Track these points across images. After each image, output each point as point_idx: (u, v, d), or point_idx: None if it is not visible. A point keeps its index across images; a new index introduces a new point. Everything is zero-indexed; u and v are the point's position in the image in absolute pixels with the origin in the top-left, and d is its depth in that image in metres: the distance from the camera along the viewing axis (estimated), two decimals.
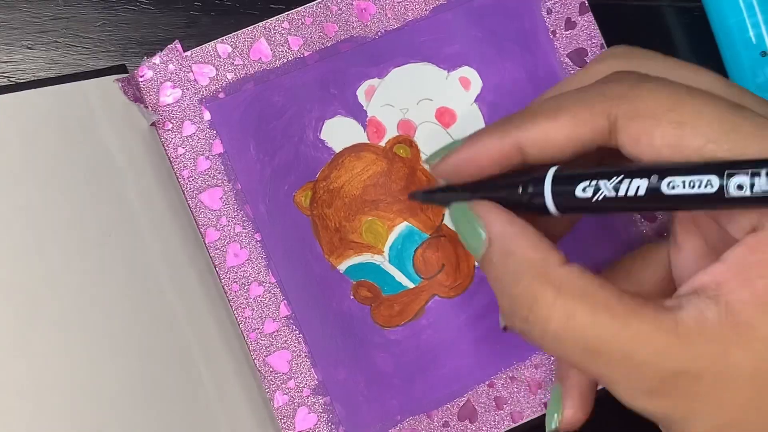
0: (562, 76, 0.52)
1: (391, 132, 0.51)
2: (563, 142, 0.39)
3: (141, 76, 0.49)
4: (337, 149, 0.51)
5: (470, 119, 0.51)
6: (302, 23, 0.50)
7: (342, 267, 0.50)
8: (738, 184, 0.33)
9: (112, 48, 0.53)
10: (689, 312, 0.36)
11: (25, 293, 0.47)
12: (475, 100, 0.51)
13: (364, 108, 0.51)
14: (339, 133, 0.51)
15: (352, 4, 0.51)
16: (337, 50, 0.51)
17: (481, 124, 0.51)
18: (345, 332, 0.50)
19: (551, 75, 0.52)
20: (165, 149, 0.49)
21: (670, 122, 0.37)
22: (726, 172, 0.33)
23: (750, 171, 0.33)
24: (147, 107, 0.49)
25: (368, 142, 0.51)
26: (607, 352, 0.37)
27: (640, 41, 0.56)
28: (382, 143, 0.51)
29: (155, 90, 0.49)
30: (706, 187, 0.34)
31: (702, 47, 0.57)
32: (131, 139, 0.50)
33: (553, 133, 0.39)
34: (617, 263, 0.46)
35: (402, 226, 0.51)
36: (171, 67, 0.50)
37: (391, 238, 0.51)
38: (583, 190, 0.38)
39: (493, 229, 0.40)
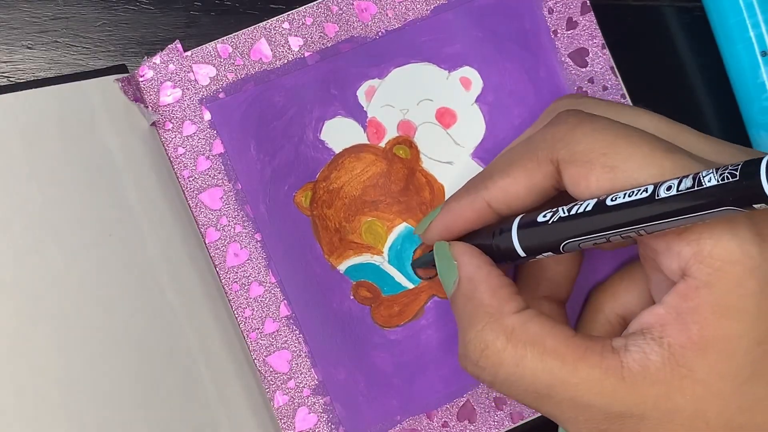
0: (563, 76, 0.52)
1: (391, 133, 0.51)
2: (522, 192, 0.43)
3: (141, 76, 0.49)
4: (337, 150, 0.51)
5: (471, 120, 0.51)
6: (303, 23, 0.50)
7: (342, 267, 0.50)
8: (667, 186, 0.35)
9: (112, 48, 0.53)
10: (634, 354, 0.38)
11: (25, 293, 0.47)
12: (476, 101, 0.51)
13: (365, 108, 0.51)
14: (339, 133, 0.51)
15: (352, 4, 0.51)
16: (338, 50, 0.51)
17: (482, 125, 0.51)
18: (345, 332, 0.50)
19: (552, 75, 0.52)
20: (165, 149, 0.49)
21: (603, 166, 0.39)
22: (658, 183, 0.36)
23: (679, 177, 0.35)
24: (147, 107, 0.49)
25: (368, 142, 0.51)
26: (556, 395, 0.39)
27: (640, 41, 0.57)
28: (382, 144, 0.51)
29: (155, 90, 0.49)
30: (641, 193, 0.36)
31: (702, 47, 0.57)
32: (131, 139, 0.50)
33: (511, 188, 0.43)
34: (604, 285, 0.49)
35: (401, 227, 0.51)
36: (171, 67, 0.50)
37: (391, 238, 0.51)
38: (543, 216, 0.41)
39: (462, 270, 0.44)
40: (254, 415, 0.49)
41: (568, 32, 0.52)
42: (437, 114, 0.51)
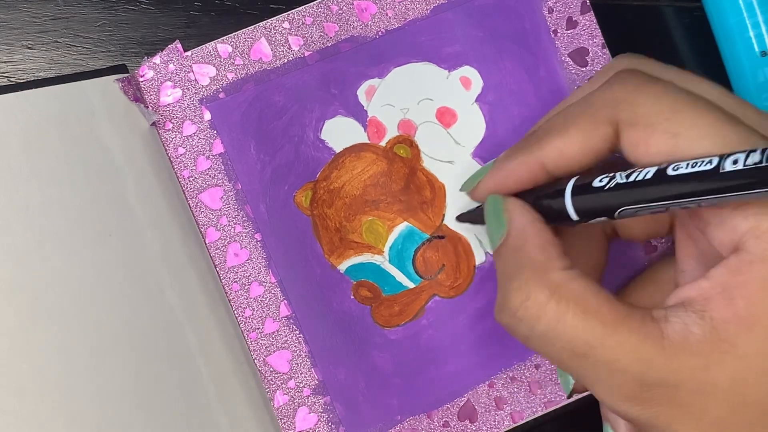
0: (563, 76, 0.52)
1: (392, 132, 0.51)
2: (578, 154, 0.41)
3: (141, 76, 0.49)
4: (338, 149, 0.51)
5: (471, 119, 0.51)
6: (303, 23, 0.50)
7: (342, 267, 0.50)
8: (733, 159, 0.35)
9: (112, 48, 0.53)
10: (675, 325, 0.37)
11: (25, 293, 0.47)
12: (476, 100, 0.51)
13: (365, 108, 0.51)
14: (339, 133, 0.51)
15: (352, 4, 0.51)
16: (338, 50, 0.51)
17: (482, 124, 0.51)
18: (345, 332, 0.50)
19: (552, 74, 0.52)
20: (165, 149, 0.49)
21: (665, 132, 0.38)
22: (724, 155, 0.35)
23: (747, 151, 0.34)
24: (147, 107, 0.49)
25: (368, 142, 0.51)
26: (593, 356, 0.38)
27: (640, 41, 0.57)
28: (383, 143, 0.51)
29: (155, 90, 0.49)
30: (705, 165, 0.35)
31: (702, 47, 0.57)
32: (131, 139, 0.49)
33: (566, 148, 0.41)
34: (630, 287, 0.48)
35: (402, 226, 0.51)
36: (171, 67, 0.50)
37: (392, 238, 0.51)
38: (599, 181, 0.40)
39: (513, 224, 0.42)
40: (254, 414, 0.49)
41: (568, 32, 0.52)
42: (437, 113, 0.51)
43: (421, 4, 0.51)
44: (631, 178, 0.38)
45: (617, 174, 0.39)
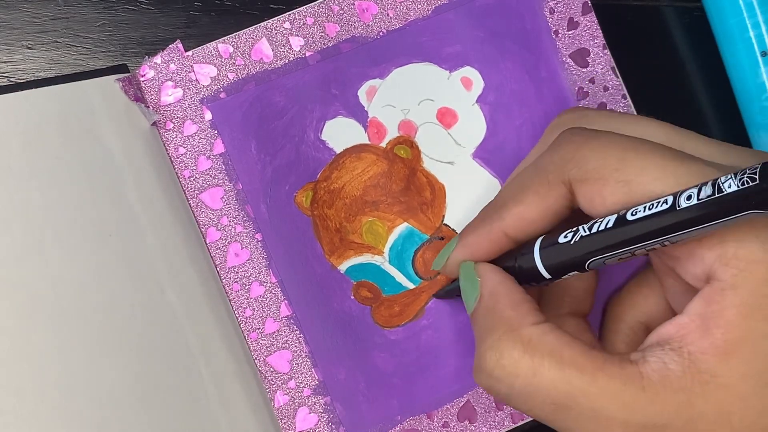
0: (564, 77, 0.52)
1: (392, 133, 0.51)
2: (538, 217, 0.42)
3: (142, 76, 0.49)
4: (338, 150, 0.51)
5: (472, 120, 0.51)
6: (304, 23, 0.50)
7: (342, 267, 0.50)
8: (687, 195, 0.35)
9: (112, 48, 0.53)
10: (653, 365, 0.37)
11: (25, 293, 0.47)
12: (477, 101, 0.51)
13: (365, 108, 0.51)
14: (340, 133, 0.51)
15: (353, 4, 0.51)
16: (339, 50, 0.51)
17: (483, 125, 0.51)
18: (345, 332, 0.50)
19: (553, 75, 0.52)
20: (166, 149, 0.49)
21: (617, 182, 0.39)
22: (678, 193, 0.36)
23: (698, 186, 0.35)
24: (148, 107, 0.49)
25: (369, 142, 0.51)
26: (576, 407, 0.38)
27: (640, 41, 0.57)
28: (383, 144, 0.51)
29: (156, 90, 0.49)
30: (662, 205, 0.36)
31: (702, 47, 0.57)
32: (132, 139, 0.49)
33: (526, 215, 0.43)
34: (621, 295, 0.48)
35: (402, 227, 0.51)
36: (172, 66, 0.50)
37: (392, 238, 0.51)
38: (564, 237, 0.41)
39: (485, 286, 0.43)
40: (254, 415, 0.49)
41: (569, 32, 0.52)
42: (438, 114, 0.51)
43: (422, 4, 0.51)
44: (594, 229, 0.39)
45: (580, 227, 0.40)
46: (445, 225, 0.51)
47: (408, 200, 0.51)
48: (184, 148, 0.49)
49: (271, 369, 0.49)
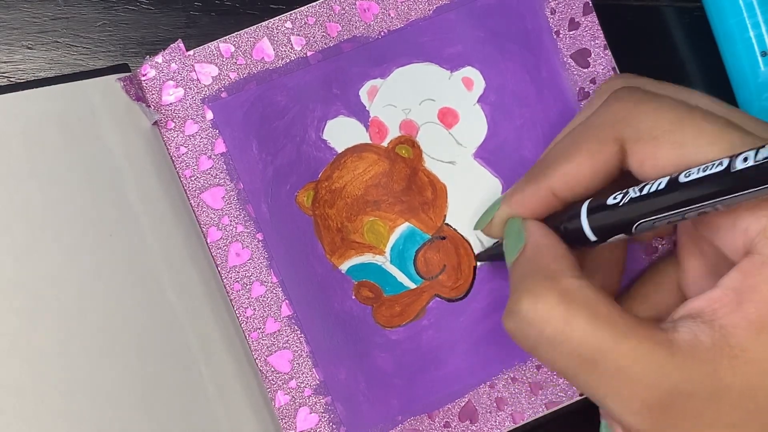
0: (565, 77, 0.52)
1: (394, 132, 0.51)
2: (588, 177, 0.42)
3: (143, 75, 0.49)
4: (340, 149, 0.51)
5: (473, 120, 0.51)
6: (305, 23, 0.50)
7: (344, 267, 0.50)
8: (744, 157, 0.35)
9: (112, 48, 0.53)
10: (683, 334, 0.37)
11: (25, 292, 0.47)
12: (478, 101, 0.51)
13: (367, 108, 0.51)
14: (341, 133, 0.51)
15: (354, 4, 0.51)
16: (340, 50, 0.51)
17: (484, 125, 0.51)
18: (346, 332, 0.50)
19: (554, 76, 0.52)
20: (167, 148, 0.49)
21: (671, 143, 0.39)
22: (734, 155, 0.36)
23: (755, 148, 0.35)
24: (149, 106, 0.49)
25: (370, 142, 0.51)
26: (603, 363, 0.38)
27: (640, 41, 0.57)
28: (385, 144, 0.51)
29: (157, 89, 0.49)
30: (716, 167, 0.36)
31: (702, 47, 0.57)
32: (133, 139, 0.49)
33: (575, 173, 0.42)
34: (633, 289, 0.48)
35: (403, 227, 0.51)
36: (174, 66, 0.49)
37: (393, 238, 0.51)
38: (613, 198, 0.40)
39: (530, 237, 0.43)
40: (255, 414, 0.49)
41: (570, 33, 0.52)
42: (439, 114, 0.51)
43: (423, 4, 0.51)
44: (645, 191, 0.39)
45: (630, 189, 0.40)
46: (447, 225, 0.51)
47: (409, 200, 0.51)
48: (186, 147, 0.49)
49: (272, 369, 0.49)
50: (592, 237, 0.42)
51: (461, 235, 0.51)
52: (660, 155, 0.39)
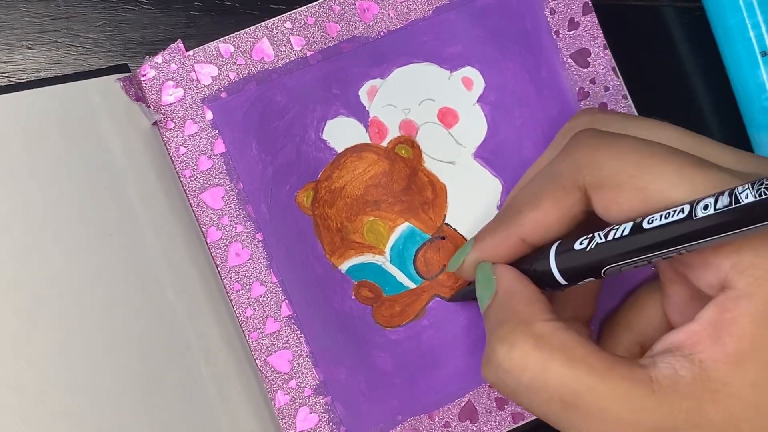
0: (565, 77, 0.52)
1: (393, 132, 0.51)
2: (554, 223, 0.42)
3: (143, 76, 0.49)
4: (339, 149, 0.51)
5: (473, 120, 0.51)
6: (304, 23, 0.50)
7: (343, 267, 0.50)
8: (704, 204, 0.35)
9: (112, 48, 0.53)
10: (663, 370, 0.37)
11: (25, 293, 0.47)
12: (478, 101, 0.51)
13: (366, 108, 0.51)
14: (341, 133, 0.51)
15: (354, 4, 0.51)
16: (340, 50, 0.51)
17: (484, 125, 0.51)
18: (346, 332, 0.50)
19: (554, 75, 0.52)
20: (167, 148, 0.49)
21: (633, 188, 0.39)
22: (694, 202, 0.36)
23: (715, 195, 0.35)
24: (149, 106, 0.49)
25: (370, 142, 0.51)
26: (583, 405, 0.38)
27: (640, 41, 0.57)
28: (384, 143, 0.51)
29: (157, 89, 0.49)
30: (678, 214, 0.36)
31: (702, 47, 0.57)
32: (133, 139, 0.49)
33: (542, 220, 0.42)
34: (616, 316, 0.48)
35: (403, 227, 0.51)
36: (173, 66, 0.50)
37: (393, 238, 0.51)
38: (580, 243, 0.41)
39: (501, 283, 0.43)
40: (255, 415, 0.49)
41: (570, 33, 0.52)
42: (439, 114, 0.51)
43: (423, 4, 0.51)
44: (610, 237, 0.39)
45: (596, 234, 0.40)
46: (447, 225, 0.51)
47: (409, 200, 0.51)
48: (185, 147, 0.49)
49: (272, 369, 0.49)
50: (562, 280, 0.42)
51: (461, 235, 0.51)
52: (623, 201, 0.39)
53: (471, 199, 0.51)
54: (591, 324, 0.48)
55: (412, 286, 0.51)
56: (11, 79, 0.52)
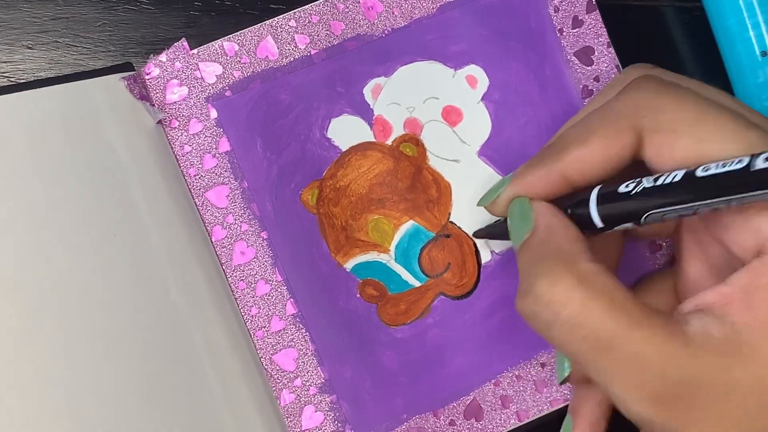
0: (569, 75, 0.52)
1: (398, 130, 0.51)
2: (600, 163, 0.41)
3: (147, 74, 0.49)
4: (344, 148, 0.51)
5: (477, 118, 0.51)
6: (309, 21, 0.50)
7: (348, 265, 0.50)
8: (765, 157, 0.35)
9: (112, 48, 0.53)
10: (695, 327, 0.37)
11: (29, 292, 0.47)
12: (482, 99, 0.51)
13: (371, 106, 0.51)
14: (345, 131, 0.51)
15: (358, 2, 0.51)
16: (344, 48, 0.51)
17: (488, 123, 0.51)
18: (351, 330, 0.50)
19: (558, 73, 0.52)
20: (171, 147, 0.49)
21: (691, 137, 0.38)
22: (755, 154, 0.35)
23: None
24: (153, 105, 0.49)
25: (375, 140, 0.51)
26: (618, 348, 0.37)
27: (640, 41, 0.57)
28: (389, 142, 0.51)
29: (162, 88, 0.49)
30: (736, 164, 0.36)
31: (702, 47, 0.57)
32: (137, 138, 0.49)
33: (588, 158, 0.42)
34: None
35: (408, 225, 0.51)
36: (178, 65, 0.49)
37: (398, 236, 0.51)
38: (626, 187, 0.40)
39: (540, 219, 0.42)
40: (260, 413, 0.49)
41: (574, 31, 0.52)
42: (443, 112, 0.51)
43: (427, 2, 0.51)
44: (659, 182, 0.39)
45: (644, 179, 0.39)
46: (451, 223, 0.51)
47: (414, 198, 0.51)
48: (190, 146, 0.49)
49: (277, 367, 0.49)
50: (600, 224, 0.42)
51: (466, 233, 0.51)
52: (678, 148, 0.39)
53: (475, 197, 0.50)
54: None
55: (417, 284, 0.51)
56: (11, 79, 0.52)
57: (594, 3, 0.52)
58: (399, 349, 0.50)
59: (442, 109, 0.51)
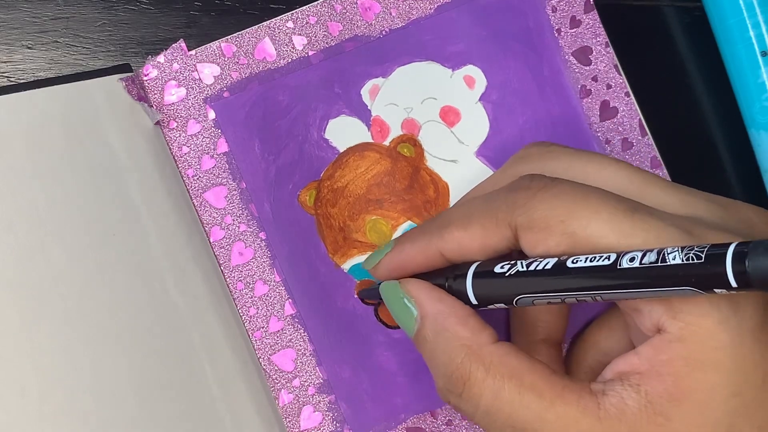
0: (567, 75, 0.52)
1: (395, 131, 0.51)
2: (478, 248, 0.42)
3: (145, 75, 0.49)
4: (342, 148, 0.51)
5: (475, 118, 0.51)
6: (306, 22, 0.50)
7: (346, 266, 0.50)
8: (630, 257, 0.35)
9: (112, 48, 0.53)
10: (611, 398, 0.38)
11: (28, 293, 0.47)
12: (480, 99, 0.51)
13: (368, 107, 0.51)
14: (343, 132, 0.51)
15: (356, 3, 0.51)
16: (342, 49, 0.51)
17: (486, 123, 0.51)
18: (350, 331, 0.50)
19: (556, 73, 0.52)
20: (169, 148, 0.49)
21: (562, 233, 0.39)
22: (621, 252, 0.36)
23: (644, 250, 0.35)
24: (151, 106, 0.49)
25: (372, 141, 0.51)
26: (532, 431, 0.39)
27: (640, 41, 0.57)
28: (386, 142, 0.51)
29: (160, 89, 0.49)
30: (603, 260, 0.36)
31: (702, 47, 0.57)
32: (135, 139, 0.49)
33: (466, 242, 0.43)
34: (584, 335, 0.49)
35: (406, 226, 0.51)
36: (176, 66, 0.50)
37: (395, 237, 0.51)
38: (501, 267, 0.41)
39: (424, 306, 0.43)
40: (259, 413, 0.49)
41: (572, 30, 0.52)
42: (441, 112, 0.51)
43: (424, 3, 0.51)
44: (532, 267, 0.39)
45: (518, 262, 0.40)
46: None
47: (412, 198, 0.51)
48: (188, 147, 0.49)
49: (276, 367, 0.49)
50: (474, 301, 0.42)
51: None
52: (551, 243, 0.39)
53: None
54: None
55: None
56: (11, 79, 0.52)
57: (592, 3, 0.52)
58: (397, 349, 0.50)
59: (439, 109, 0.51)
